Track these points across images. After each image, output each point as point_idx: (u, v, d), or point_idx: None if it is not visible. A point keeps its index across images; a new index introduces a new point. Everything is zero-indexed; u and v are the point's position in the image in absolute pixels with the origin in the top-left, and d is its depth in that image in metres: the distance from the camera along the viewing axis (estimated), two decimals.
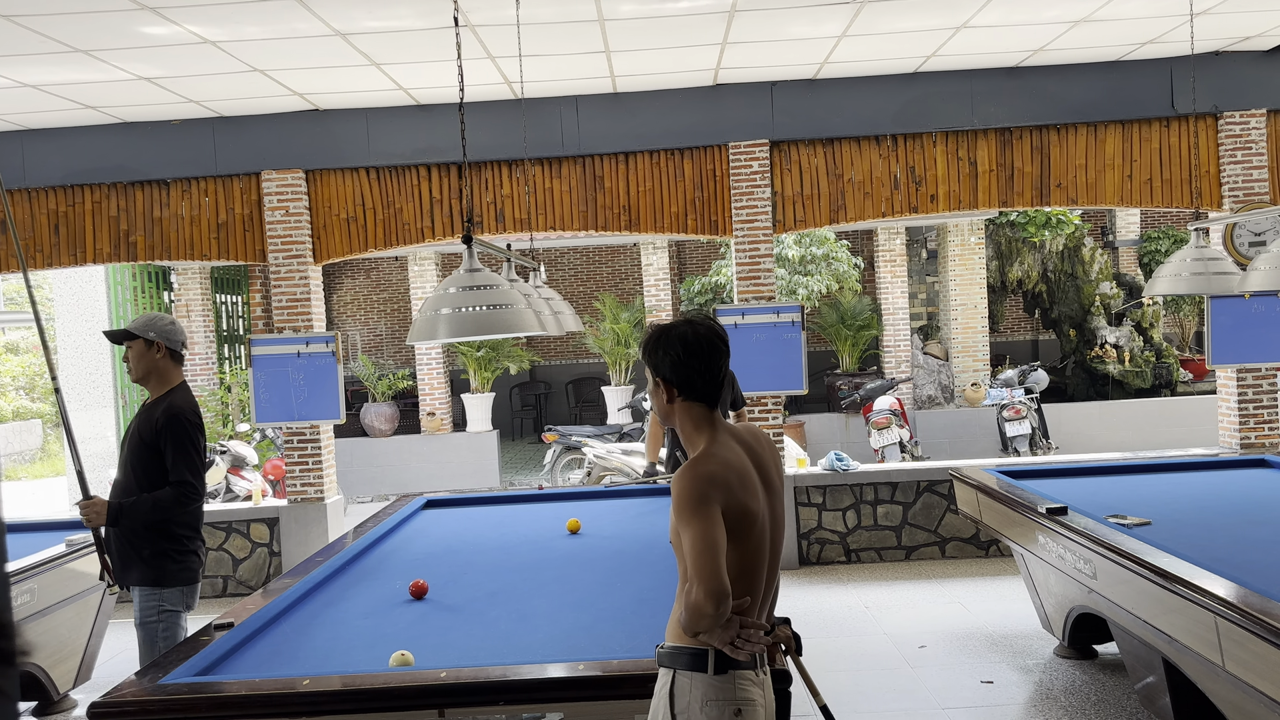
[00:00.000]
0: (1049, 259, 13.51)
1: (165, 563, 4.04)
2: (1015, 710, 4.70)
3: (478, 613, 3.50)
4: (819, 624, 6.09)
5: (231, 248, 7.52)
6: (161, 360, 4.16)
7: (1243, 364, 7.27)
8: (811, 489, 7.51)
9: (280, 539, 7.55)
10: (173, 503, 3.98)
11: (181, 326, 4.29)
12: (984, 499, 5.42)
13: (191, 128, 7.40)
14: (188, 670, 2.90)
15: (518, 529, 4.91)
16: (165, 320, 4.22)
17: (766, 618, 2.53)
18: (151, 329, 4.15)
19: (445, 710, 2.66)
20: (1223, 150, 7.30)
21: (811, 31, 6.12)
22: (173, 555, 4.06)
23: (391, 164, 7.42)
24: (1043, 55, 6.97)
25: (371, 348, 16.89)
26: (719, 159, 7.43)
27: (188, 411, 4.09)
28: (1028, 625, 5.76)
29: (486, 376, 12.60)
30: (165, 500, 3.98)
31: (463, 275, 3.65)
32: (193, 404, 4.17)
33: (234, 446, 9.77)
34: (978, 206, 7.43)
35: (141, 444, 4.05)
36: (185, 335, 4.29)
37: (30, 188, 7.45)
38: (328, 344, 7.42)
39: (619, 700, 2.64)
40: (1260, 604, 3.07)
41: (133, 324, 4.19)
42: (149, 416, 4.09)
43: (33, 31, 5.25)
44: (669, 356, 2.47)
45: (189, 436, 4.04)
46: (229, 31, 5.46)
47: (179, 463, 4.00)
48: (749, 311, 7.35)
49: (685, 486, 2.31)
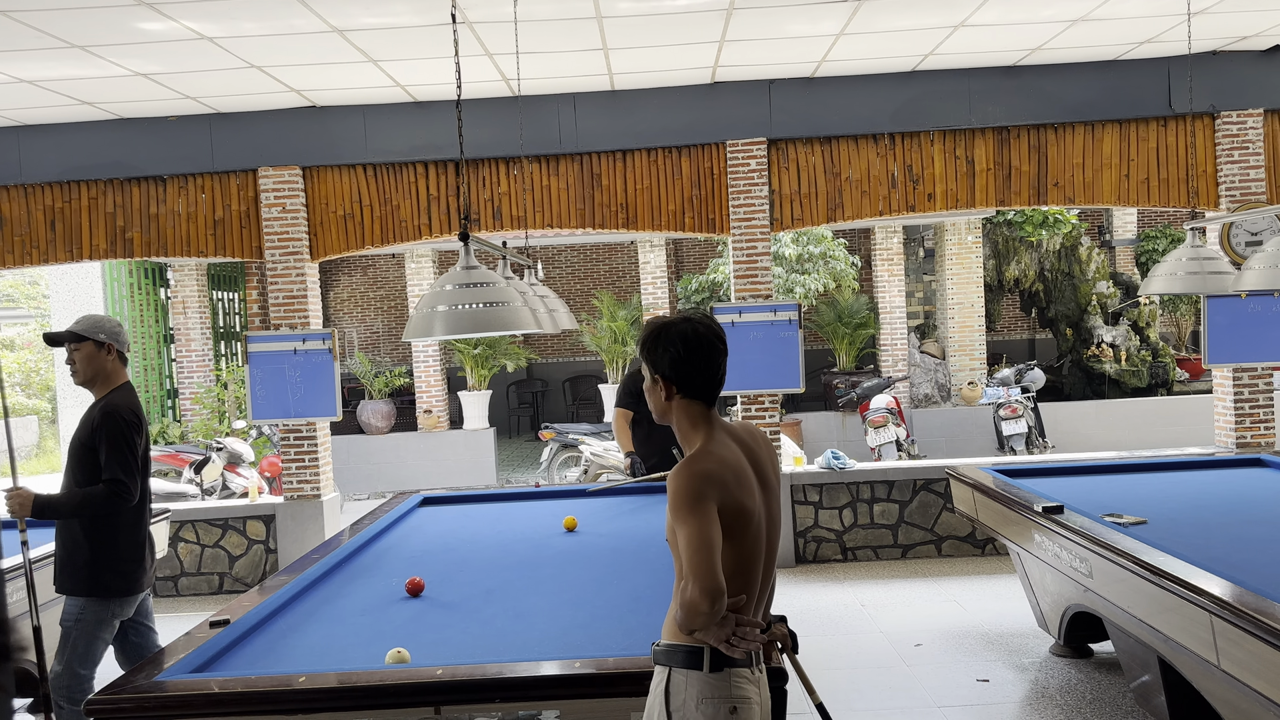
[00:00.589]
0: (1046, 258, 13.52)
1: (102, 573, 3.96)
2: (1011, 709, 4.71)
3: (474, 610, 3.50)
4: (815, 622, 6.09)
5: (228, 244, 7.51)
6: (111, 362, 4.10)
7: (1239, 363, 7.28)
8: (808, 487, 7.51)
9: (276, 536, 7.54)
10: (104, 500, 3.89)
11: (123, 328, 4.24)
12: (980, 498, 5.43)
13: (188, 124, 7.39)
14: (184, 667, 2.90)
15: (514, 526, 4.91)
16: (112, 322, 4.15)
17: (762, 616, 2.53)
18: (101, 331, 4.08)
19: (441, 707, 2.66)
20: (1220, 150, 7.30)
21: (809, 29, 6.11)
22: (112, 566, 3.98)
23: (389, 161, 7.42)
24: (1040, 54, 6.98)
25: (368, 345, 16.88)
26: (716, 157, 7.42)
27: (124, 410, 4.01)
28: (1023, 624, 5.77)
29: (483, 374, 12.60)
30: (96, 497, 3.88)
31: (459, 272, 3.64)
32: (132, 403, 4.08)
33: (230, 443, 9.76)
34: (975, 205, 7.44)
35: (80, 445, 3.99)
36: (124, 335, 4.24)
37: (26, 184, 7.43)
38: (324, 341, 7.41)
39: (615, 698, 2.64)
40: (1256, 603, 3.08)
41: (78, 326, 4.09)
42: (89, 417, 4.02)
43: (29, 27, 5.23)
44: (669, 354, 2.47)
45: (123, 434, 3.95)
46: (226, 28, 5.45)
47: (112, 460, 3.92)
48: (746, 310, 7.35)
49: (681, 484, 2.31)
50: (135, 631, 4.29)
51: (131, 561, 4.06)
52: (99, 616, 4.01)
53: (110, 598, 4.02)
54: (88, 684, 4.03)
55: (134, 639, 4.29)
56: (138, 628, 4.30)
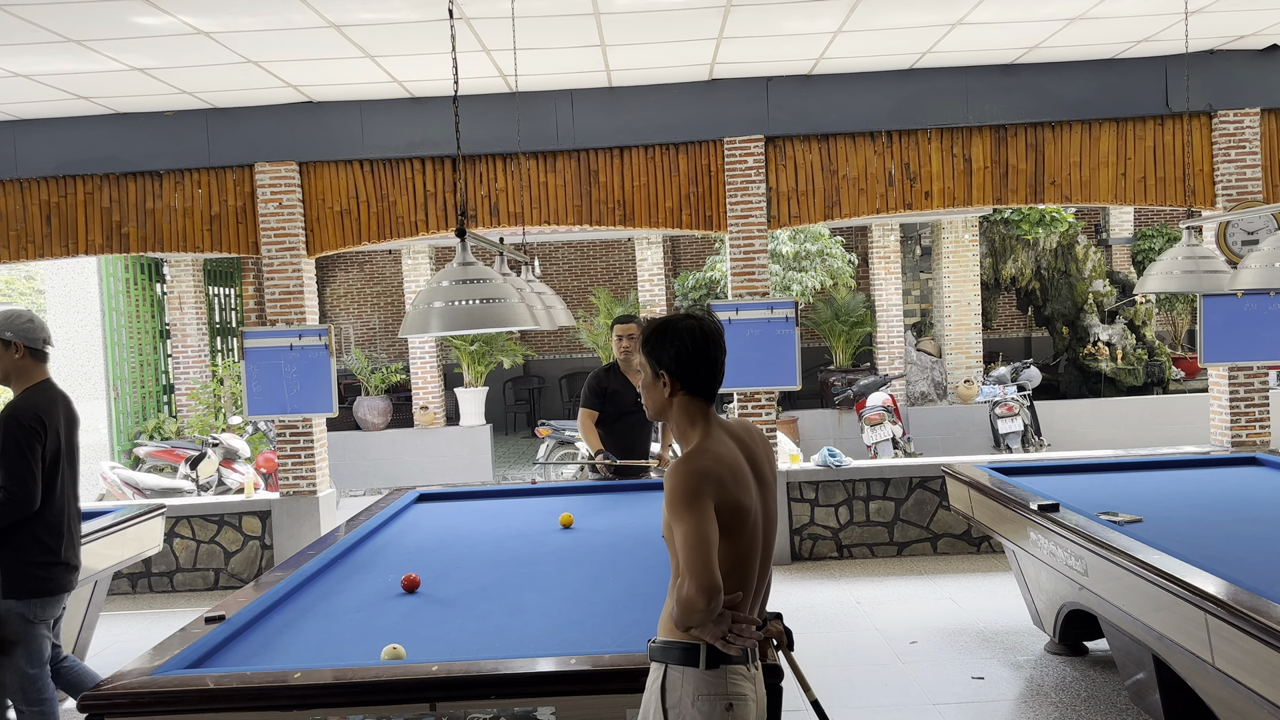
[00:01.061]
0: (1042, 256, 13.53)
1: (18, 575, 3.88)
2: (1006, 706, 4.71)
3: (470, 606, 3.50)
4: (811, 619, 6.10)
5: (224, 240, 7.49)
6: (21, 360, 3.98)
7: (1234, 362, 7.29)
8: (804, 484, 7.52)
9: (272, 532, 7.54)
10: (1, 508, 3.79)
11: (43, 323, 4.10)
12: (976, 495, 5.43)
13: (184, 119, 7.37)
14: (179, 663, 2.90)
15: (510, 523, 4.91)
16: (23, 318, 4.01)
17: (758, 613, 2.53)
18: (8, 328, 3.96)
19: (437, 704, 2.65)
20: (1216, 149, 7.31)
21: (807, 27, 6.11)
22: (26, 569, 3.89)
23: (385, 157, 7.40)
24: (1038, 53, 6.98)
25: (364, 341, 16.87)
26: (714, 154, 7.42)
27: (23, 413, 3.88)
28: (1019, 621, 5.78)
29: (480, 371, 12.59)
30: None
31: (456, 269, 3.64)
32: (37, 404, 3.95)
33: (226, 439, 9.75)
34: (972, 203, 7.44)
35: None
36: (48, 332, 4.10)
37: (22, 178, 7.41)
38: (320, 337, 7.40)
39: (611, 695, 2.64)
40: (1250, 601, 3.08)
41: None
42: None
43: (25, 21, 5.22)
44: (674, 349, 2.48)
45: (15, 440, 3.83)
46: (222, 22, 5.44)
47: (3, 468, 3.83)
48: (743, 307, 7.35)
49: (678, 481, 2.31)
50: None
51: (44, 564, 3.95)
52: (25, 616, 3.94)
53: (30, 598, 3.94)
54: (40, 681, 3.98)
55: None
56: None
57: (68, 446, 4.09)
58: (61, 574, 4.02)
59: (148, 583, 7.53)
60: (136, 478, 9.12)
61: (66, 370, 10.76)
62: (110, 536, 5.35)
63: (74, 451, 4.15)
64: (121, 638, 6.39)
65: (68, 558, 4.05)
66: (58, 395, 4.09)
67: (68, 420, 4.11)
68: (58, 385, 4.15)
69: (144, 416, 11.27)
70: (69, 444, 4.10)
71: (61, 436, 4.05)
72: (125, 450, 10.70)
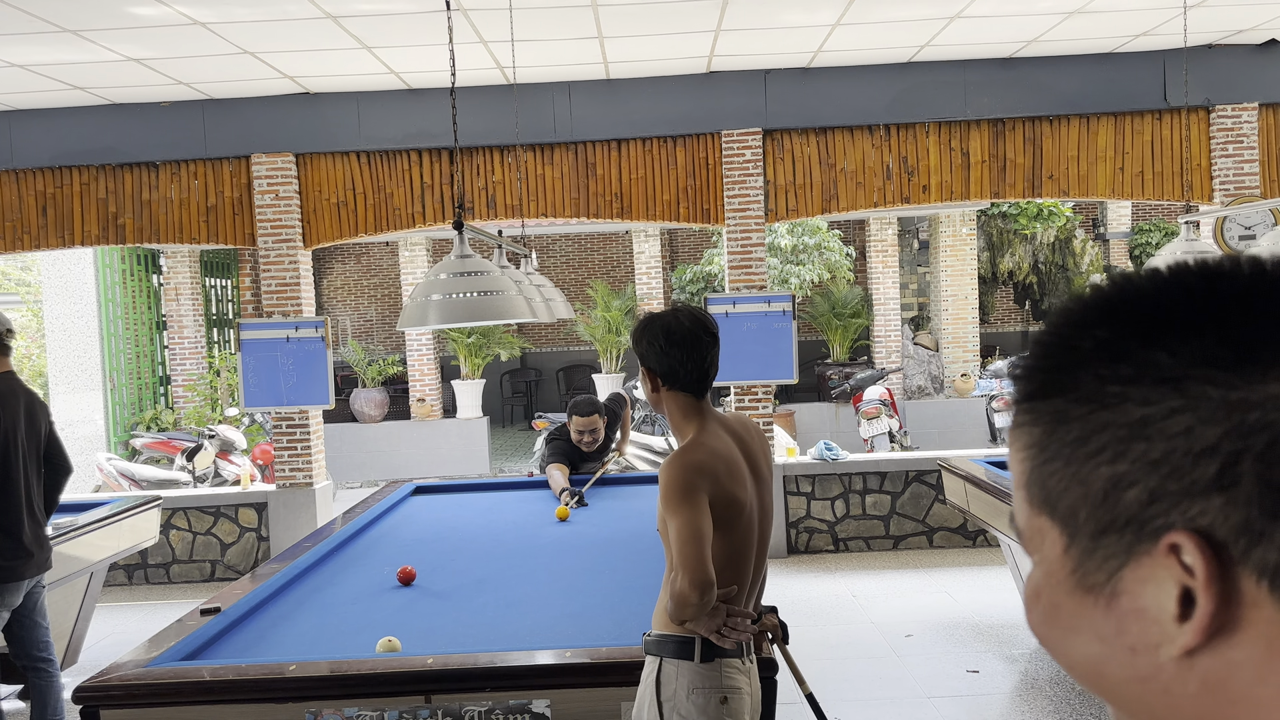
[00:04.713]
0: (1040, 251, 13.54)
1: None
2: (1000, 699, 4.73)
3: (465, 599, 3.50)
4: (806, 613, 6.11)
5: (221, 231, 7.48)
6: None
7: None
8: (800, 478, 7.52)
9: (268, 524, 7.53)
10: None
11: (3, 315, 4.10)
12: (972, 489, 5.44)
13: (181, 110, 7.35)
14: (174, 655, 2.90)
15: (506, 516, 4.91)
16: None
17: (753, 606, 2.54)
18: None
19: (432, 696, 2.66)
20: (1214, 144, 7.31)
21: (805, 19, 6.10)
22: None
23: (382, 148, 7.39)
24: (1036, 46, 6.97)
25: (361, 333, 16.85)
26: (712, 147, 7.41)
27: None
28: (1014, 615, 5.79)
29: (477, 363, 12.58)
30: None
31: (454, 261, 3.63)
32: None
33: (223, 431, 9.74)
34: (969, 197, 7.43)
35: None
36: (8, 323, 4.10)
37: (18, 169, 7.39)
38: (317, 329, 7.39)
39: (606, 688, 2.65)
40: None
41: None
42: None
43: (20, 10, 5.20)
44: (653, 346, 2.46)
45: None
46: (218, 13, 5.42)
47: None
48: (740, 300, 7.34)
49: (673, 475, 2.31)
50: (19, 624, 4.20)
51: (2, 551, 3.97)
52: None
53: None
54: None
55: (18, 631, 4.20)
56: (22, 621, 4.20)
57: (29, 434, 4.07)
58: (16, 561, 4.01)
59: (144, 574, 7.53)
60: (133, 469, 9.11)
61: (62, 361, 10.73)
62: (106, 528, 5.34)
63: (37, 440, 4.13)
64: (117, 629, 6.39)
65: (23, 545, 4.03)
66: (18, 386, 4.08)
67: (29, 410, 4.09)
68: (19, 378, 4.14)
69: (140, 408, 11.25)
70: (31, 432, 4.08)
71: (21, 425, 4.03)
72: (121, 442, 10.69)
